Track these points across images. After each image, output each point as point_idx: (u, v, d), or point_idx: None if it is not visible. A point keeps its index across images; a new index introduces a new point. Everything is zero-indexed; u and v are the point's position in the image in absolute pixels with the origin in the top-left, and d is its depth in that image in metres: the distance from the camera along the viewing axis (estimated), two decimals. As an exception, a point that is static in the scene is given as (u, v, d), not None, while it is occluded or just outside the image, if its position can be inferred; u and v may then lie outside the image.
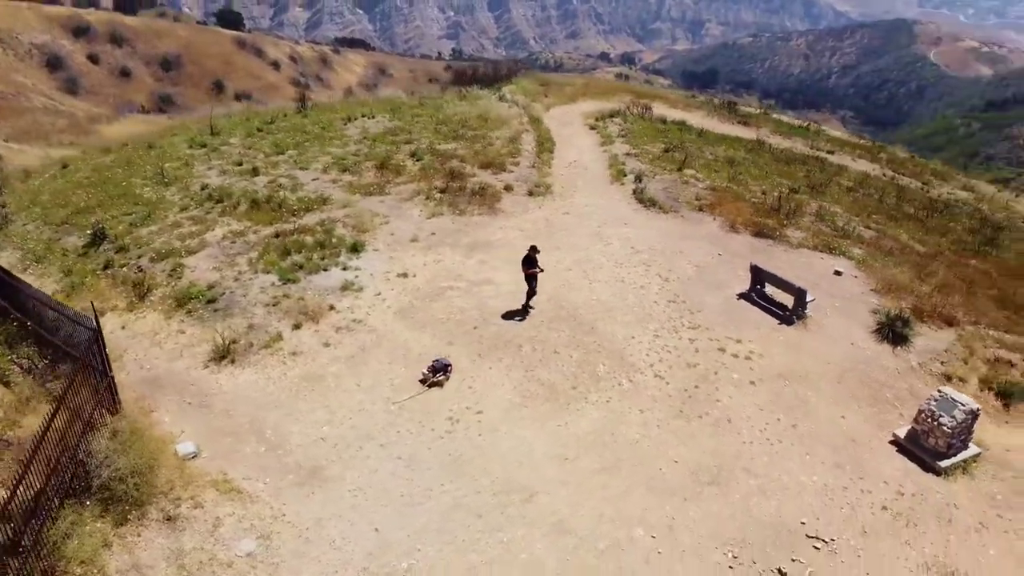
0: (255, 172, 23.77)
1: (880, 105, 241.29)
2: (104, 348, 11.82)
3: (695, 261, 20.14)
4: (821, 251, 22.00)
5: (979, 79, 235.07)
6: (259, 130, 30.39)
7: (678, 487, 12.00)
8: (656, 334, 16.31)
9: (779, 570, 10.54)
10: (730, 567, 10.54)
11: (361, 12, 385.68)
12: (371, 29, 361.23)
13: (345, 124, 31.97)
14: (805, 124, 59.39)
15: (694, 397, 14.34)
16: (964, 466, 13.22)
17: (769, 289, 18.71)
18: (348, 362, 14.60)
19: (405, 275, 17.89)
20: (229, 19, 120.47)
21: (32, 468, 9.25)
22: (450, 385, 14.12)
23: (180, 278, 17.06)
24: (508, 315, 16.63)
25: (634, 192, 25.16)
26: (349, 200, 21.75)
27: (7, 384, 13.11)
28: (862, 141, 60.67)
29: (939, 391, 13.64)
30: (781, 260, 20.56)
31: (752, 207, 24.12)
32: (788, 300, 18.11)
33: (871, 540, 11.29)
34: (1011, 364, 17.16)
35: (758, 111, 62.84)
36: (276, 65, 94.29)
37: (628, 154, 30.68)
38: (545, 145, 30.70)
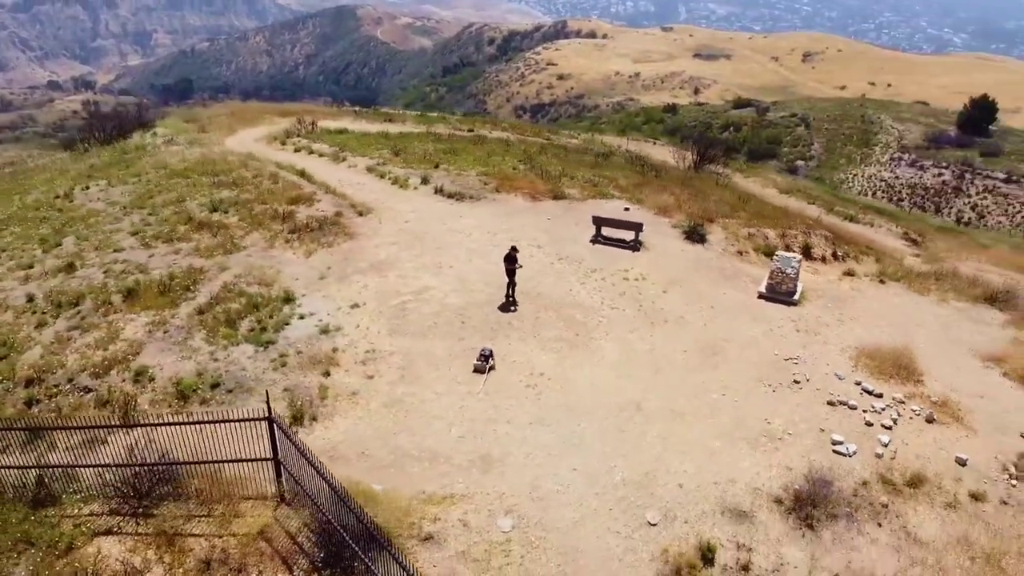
0: (72, 268, 21.11)
1: (351, 86, 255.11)
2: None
3: (540, 228, 24.77)
4: (598, 199, 28.44)
5: (424, 50, 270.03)
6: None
7: (703, 365, 16.93)
8: (581, 282, 20.72)
9: (794, 381, 16.24)
10: (774, 391, 15.92)
11: None
12: None
13: (69, 200, 28.53)
14: (437, 114, 67.36)
15: (648, 313, 19.26)
16: (803, 297, 20.58)
17: (605, 231, 24.28)
18: (403, 382, 16.05)
19: (356, 305, 19.07)
20: None
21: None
22: (498, 365, 16.70)
23: (153, 379, 15.88)
24: (475, 306, 19.31)
25: (436, 191, 28.52)
26: (221, 263, 21.15)
27: (111, 532, 12.19)
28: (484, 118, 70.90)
29: (777, 254, 20.81)
30: (588, 210, 26.26)
31: (540, 180, 29.47)
32: (624, 235, 23.93)
33: (810, 348, 17.73)
34: (755, 236, 25.60)
35: (367, 109, 68.52)
36: None
37: (380, 164, 33.37)
38: (304, 174, 31.64)
